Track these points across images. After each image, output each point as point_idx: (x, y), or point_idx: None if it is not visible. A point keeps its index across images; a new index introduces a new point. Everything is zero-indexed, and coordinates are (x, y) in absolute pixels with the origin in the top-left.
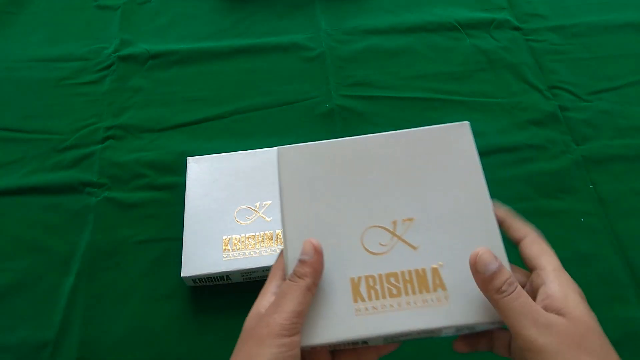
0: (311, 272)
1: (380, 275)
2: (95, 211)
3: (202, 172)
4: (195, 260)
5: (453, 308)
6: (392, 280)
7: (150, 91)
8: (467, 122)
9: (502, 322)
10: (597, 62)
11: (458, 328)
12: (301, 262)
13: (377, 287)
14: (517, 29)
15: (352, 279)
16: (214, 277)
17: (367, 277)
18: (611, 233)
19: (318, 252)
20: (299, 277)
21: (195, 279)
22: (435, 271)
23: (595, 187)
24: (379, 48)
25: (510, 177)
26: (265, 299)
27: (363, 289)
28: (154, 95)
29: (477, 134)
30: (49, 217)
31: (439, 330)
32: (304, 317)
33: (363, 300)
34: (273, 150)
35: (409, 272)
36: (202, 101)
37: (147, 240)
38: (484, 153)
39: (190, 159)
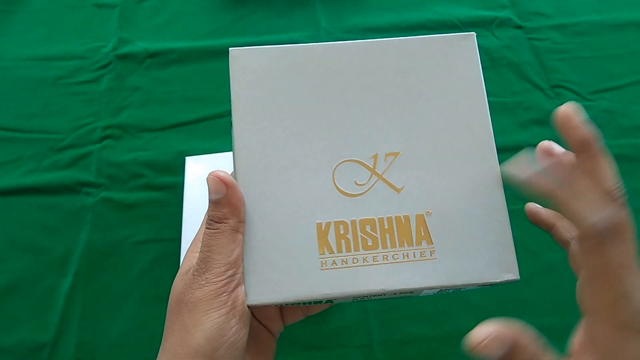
0: (230, 211)
1: (353, 222)
2: (93, 211)
3: (200, 171)
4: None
5: (439, 266)
6: (368, 228)
7: (148, 90)
8: (473, 34)
9: (491, 283)
10: (599, 61)
11: (443, 288)
12: (214, 203)
13: (349, 236)
14: (519, 27)
15: (319, 225)
16: None
17: (337, 224)
18: None
19: (230, 185)
20: (217, 222)
21: None
22: (420, 219)
23: None
24: None
25: None
26: (193, 255)
27: (332, 237)
28: (152, 94)
29: None
30: (46, 217)
31: (420, 290)
32: (239, 265)
33: (331, 251)
34: None
35: (389, 219)
36: (201, 100)
37: (145, 241)
38: None
39: (188, 159)
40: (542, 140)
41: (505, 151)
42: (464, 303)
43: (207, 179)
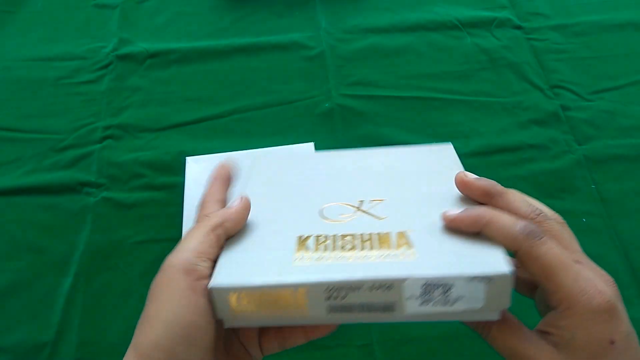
0: (221, 214)
1: (334, 236)
2: (94, 211)
3: (201, 171)
4: None
5: (420, 262)
6: (348, 238)
7: (148, 90)
8: (450, 144)
9: (481, 276)
10: (598, 61)
11: (426, 288)
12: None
13: (329, 242)
14: (518, 27)
15: (300, 237)
16: None
17: (317, 236)
18: (613, 233)
19: (243, 201)
20: (203, 217)
21: None
22: (401, 235)
23: (597, 187)
24: (379, 47)
25: (512, 177)
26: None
27: (311, 242)
28: (152, 94)
29: (478, 134)
30: (47, 217)
31: (398, 282)
32: (207, 259)
33: (307, 251)
34: (273, 149)
35: (370, 234)
36: (201, 100)
37: (145, 241)
38: (486, 153)
39: (189, 159)
40: (541, 140)
41: (504, 151)
42: None
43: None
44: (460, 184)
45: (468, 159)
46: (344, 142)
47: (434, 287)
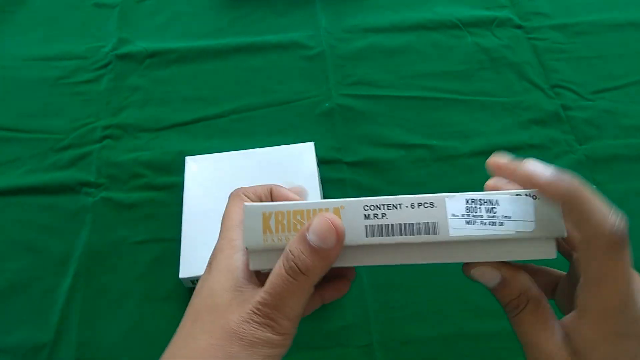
0: (322, 267)
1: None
2: (93, 211)
3: (200, 171)
4: (193, 261)
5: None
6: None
7: (148, 90)
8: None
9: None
10: (600, 60)
11: (470, 204)
12: (313, 249)
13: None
14: (519, 27)
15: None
16: None
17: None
18: None
19: (340, 240)
20: (302, 271)
21: (194, 280)
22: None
23: (598, 187)
24: (379, 46)
25: None
26: (228, 262)
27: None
28: (152, 94)
29: (478, 134)
30: (46, 217)
31: (442, 204)
32: (300, 317)
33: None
34: (273, 149)
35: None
36: (200, 100)
37: (145, 241)
38: (486, 153)
39: (188, 159)
40: (541, 140)
41: (504, 151)
42: (464, 303)
43: (319, 217)
44: (496, 169)
45: (468, 159)
46: (344, 142)
47: (478, 204)
